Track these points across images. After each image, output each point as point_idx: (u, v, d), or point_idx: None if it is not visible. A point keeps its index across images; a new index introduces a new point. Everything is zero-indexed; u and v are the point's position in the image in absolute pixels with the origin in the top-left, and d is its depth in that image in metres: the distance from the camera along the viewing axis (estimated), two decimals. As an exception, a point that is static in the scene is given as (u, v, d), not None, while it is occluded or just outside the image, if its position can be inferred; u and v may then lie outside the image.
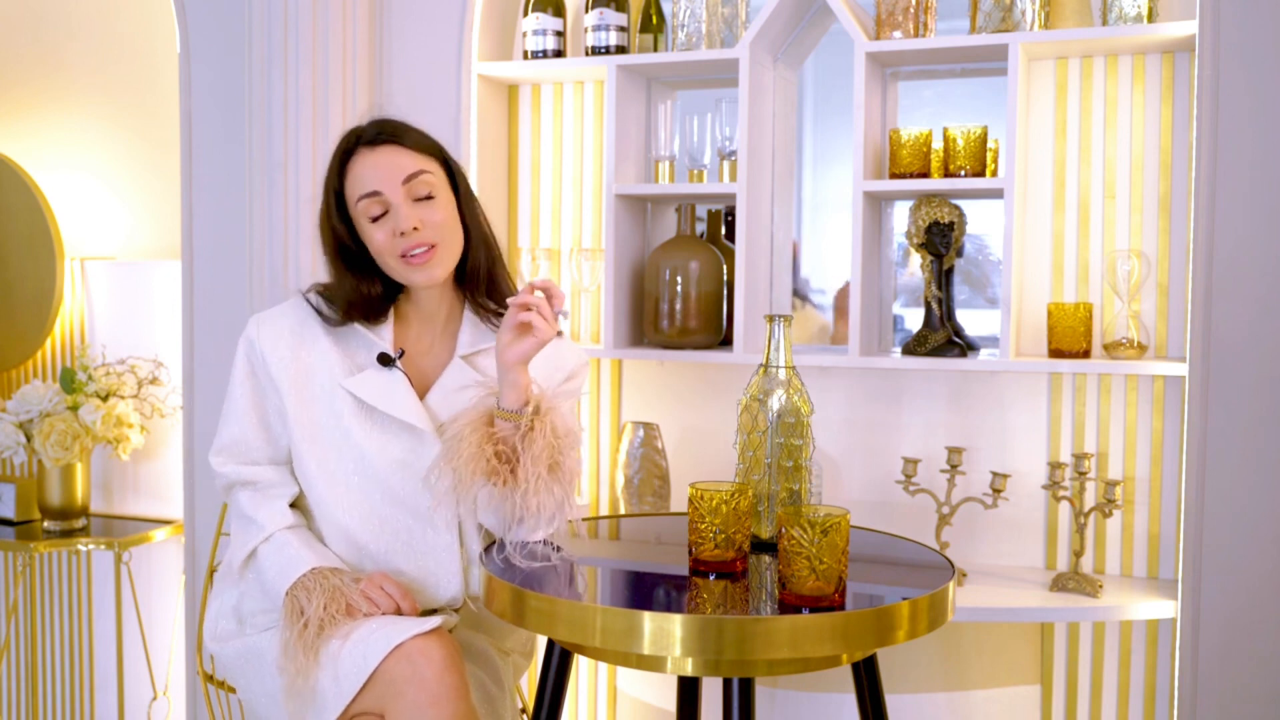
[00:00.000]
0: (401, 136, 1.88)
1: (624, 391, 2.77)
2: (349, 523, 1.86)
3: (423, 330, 1.95)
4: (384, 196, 1.83)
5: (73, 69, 3.22)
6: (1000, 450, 2.50)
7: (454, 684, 1.66)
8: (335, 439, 1.87)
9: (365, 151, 1.86)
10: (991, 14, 2.36)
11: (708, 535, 1.69)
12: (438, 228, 1.85)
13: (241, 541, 1.89)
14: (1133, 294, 2.35)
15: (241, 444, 1.91)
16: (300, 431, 1.88)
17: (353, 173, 1.86)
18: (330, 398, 1.88)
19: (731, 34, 2.58)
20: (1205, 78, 2.19)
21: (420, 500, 1.85)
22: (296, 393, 1.88)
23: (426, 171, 1.86)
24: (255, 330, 1.91)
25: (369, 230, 1.85)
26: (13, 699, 3.28)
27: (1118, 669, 2.45)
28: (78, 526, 2.99)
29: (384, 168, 1.84)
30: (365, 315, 1.90)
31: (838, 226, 2.70)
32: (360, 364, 1.90)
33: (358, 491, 1.86)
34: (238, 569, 1.89)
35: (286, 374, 1.88)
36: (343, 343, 1.91)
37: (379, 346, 1.90)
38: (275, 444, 1.91)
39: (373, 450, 1.85)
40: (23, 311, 3.20)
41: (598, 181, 2.76)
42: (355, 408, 1.87)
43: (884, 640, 1.56)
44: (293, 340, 1.90)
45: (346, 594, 1.76)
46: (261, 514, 1.87)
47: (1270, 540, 2.19)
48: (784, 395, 1.81)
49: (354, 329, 1.91)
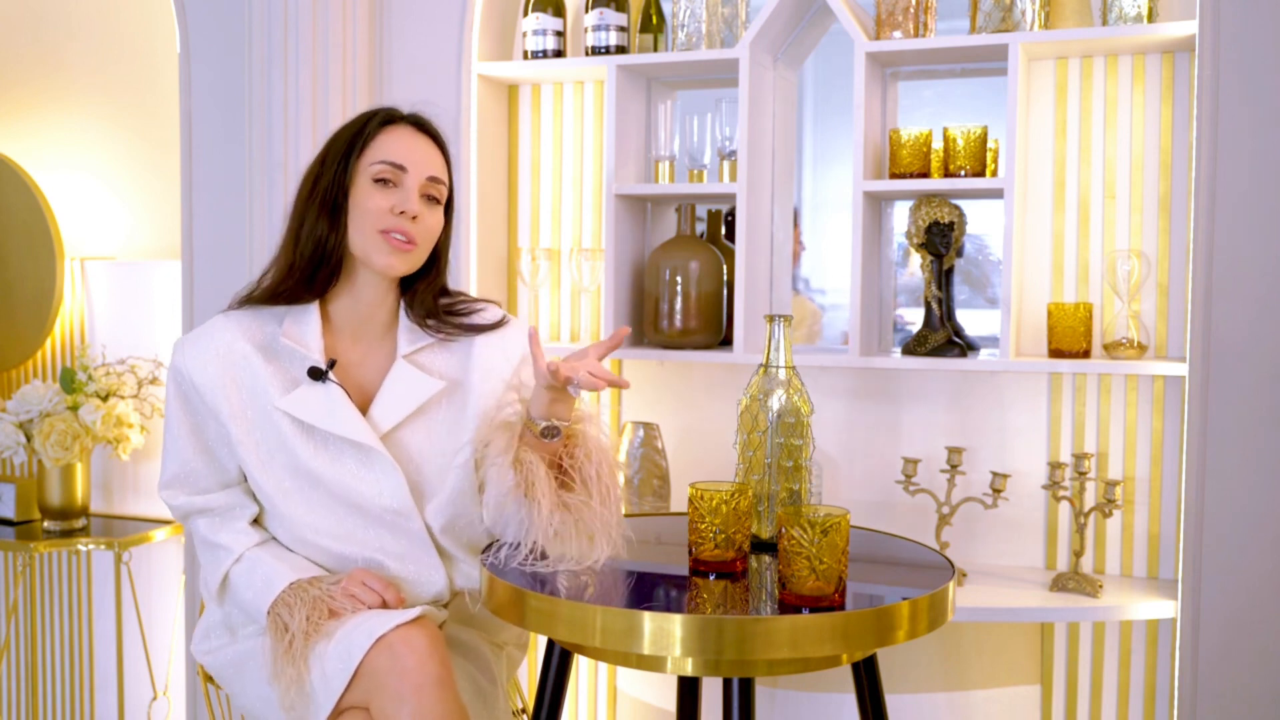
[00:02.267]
0: (443, 143, 1.90)
1: (624, 391, 2.77)
2: (318, 539, 1.83)
3: (357, 338, 1.89)
4: (407, 175, 1.81)
5: (73, 69, 3.22)
6: (1000, 450, 2.50)
7: (436, 672, 1.64)
8: (283, 460, 1.82)
9: (409, 129, 1.86)
10: (991, 14, 2.36)
11: (708, 535, 1.69)
12: (427, 233, 1.84)
13: (212, 569, 1.85)
14: (1133, 294, 2.35)
15: (188, 475, 1.85)
16: (249, 457, 1.82)
17: (389, 136, 1.83)
18: (268, 419, 1.82)
19: (731, 34, 2.58)
20: (1205, 78, 2.19)
21: (382, 510, 1.82)
22: (236, 417, 1.82)
23: (444, 183, 1.87)
24: (181, 358, 1.84)
25: (368, 191, 1.80)
26: (13, 699, 3.28)
27: (1118, 669, 2.45)
28: (78, 526, 2.99)
29: (421, 152, 1.84)
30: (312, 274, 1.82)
31: (838, 226, 2.70)
32: (295, 378, 1.83)
33: (320, 508, 1.82)
34: (215, 593, 1.86)
35: (221, 399, 1.82)
36: (273, 359, 1.84)
37: (309, 360, 1.82)
38: (222, 470, 1.86)
39: (321, 467, 1.81)
40: (23, 311, 3.20)
41: (598, 181, 2.76)
42: (295, 427, 1.81)
43: (884, 640, 1.56)
44: (221, 363, 1.83)
45: (328, 601, 1.74)
46: (224, 537, 1.84)
47: (1270, 540, 2.19)
48: (784, 395, 1.81)
49: (281, 343, 1.83)
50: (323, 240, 1.82)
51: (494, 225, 2.77)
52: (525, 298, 2.73)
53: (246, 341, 1.84)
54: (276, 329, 1.85)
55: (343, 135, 1.86)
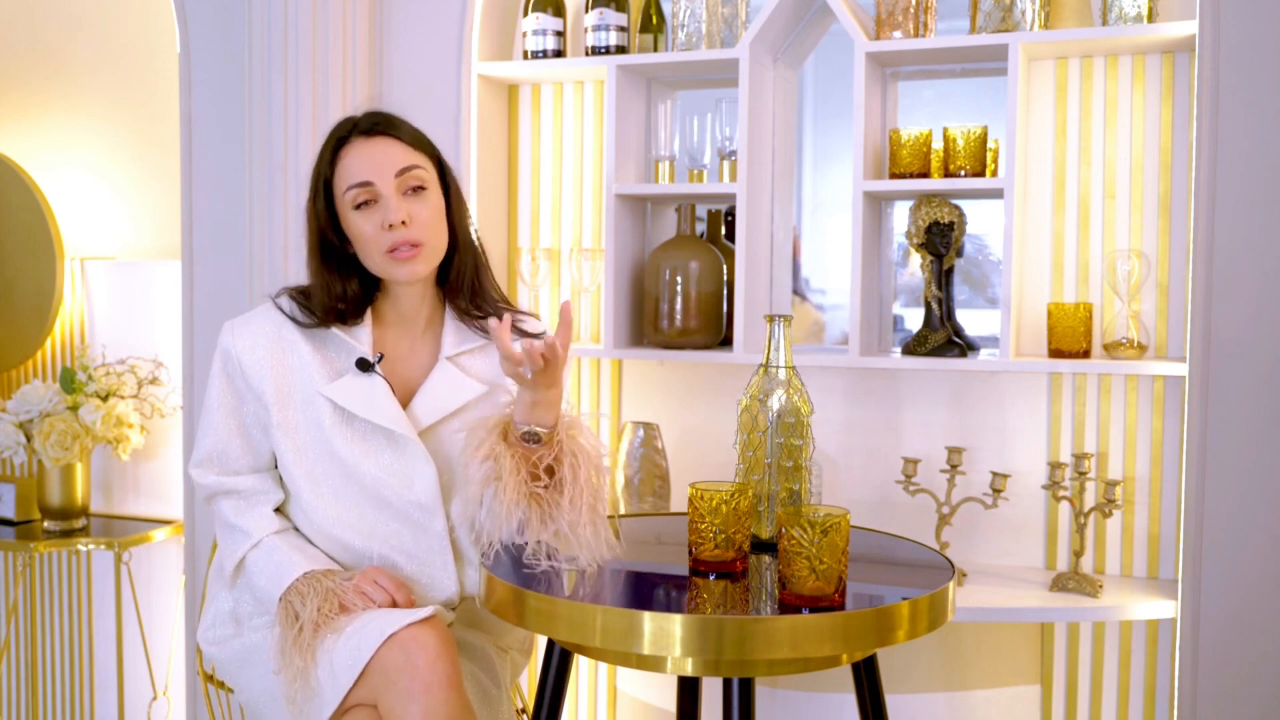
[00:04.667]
0: (397, 129, 1.85)
1: (624, 391, 2.77)
2: (338, 531, 1.84)
3: (402, 333, 1.91)
4: (375, 187, 1.80)
5: (73, 69, 3.22)
6: (1000, 450, 2.50)
7: (446, 672, 1.64)
8: (318, 447, 1.84)
9: (359, 141, 1.83)
10: (991, 14, 2.36)
11: (708, 535, 1.69)
12: (425, 225, 1.82)
13: (230, 550, 1.87)
14: (1133, 294, 2.35)
15: (222, 454, 1.87)
16: (284, 441, 1.85)
17: (344, 161, 1.83)
18: (310, 405, 1.84)
19: (731, 34, 2.58)
20: (1205, 78, 2.19)
21: (409, 505, 1.84)
22: (278, 401, 1.84)
23: (419, 166, 1.84)
24: (230, 338, 1.87)
25: (355, 221, 1.82)
26: (13, 699, 3.28)
27: (1118, 669, 2.45)
28: (78, 526, 2.99)
29: (378, 158, 1.81)
30: (343, 316, 1.86)
31: (838, 226, 2.70)
32: (339, 369, 1.86)
33: (346, 499, 1.84)
34: (229, 576, 1.88)
35: (267, 381, 1.84)
36: (321, 348, 1.87)
37: (358, 351, 1.85)
38: (256, 452, 1.88)
39: (355, 458, 1.83)
40: (23, 311, 3.20)
41: (598, 181, 2.76)
42: (335, 415, 1.83)
43: (884, 640, 1.56)
44: (270, 346, 1.85)
45: (340, 594, 1.76)
46: (247, 521, 1.86)
47: (1270, 540, 2.19)
48: (784, 395, 1.81)
49: (331, 333, 1.86)
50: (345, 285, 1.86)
51: (494, 225, 2.77)
52: (525, 298, 2.73)
53: (295, 329, 1.87)
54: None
55: (315, 175, 1.87)
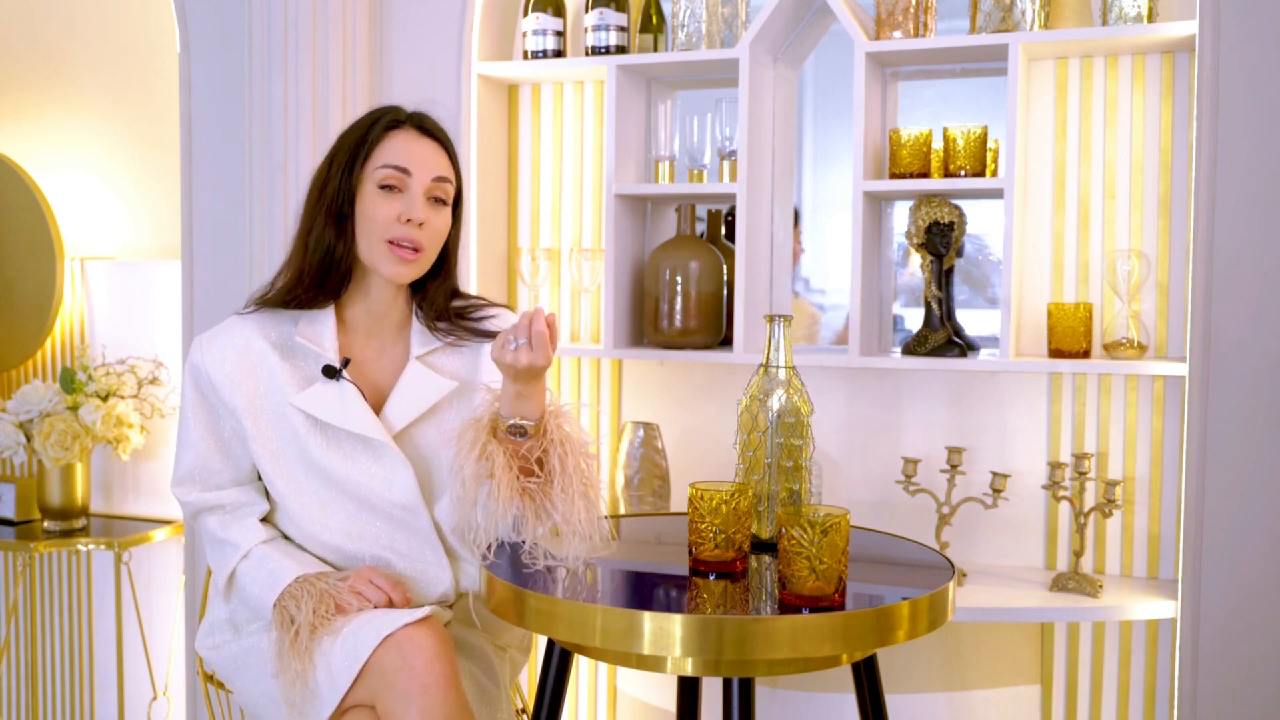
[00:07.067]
0: (448, 143, 1.91)
1: (624, 391, 2.77)
2: (327, 536, 1.85)
3: (370, 338, 1.91)
4: (411, 179, 1.83)
5: (73, 69, 3.22)
6: (1000, 450, 2.50)
7: (443, 672, 1.64)
8: (296, 456, 1.85)
9: (414, 132, 1.87)
10: (991, 14, 2.36)
11: (708, 535, 1.69)
12: (434, 237, 1.86)
13: (220, 565, 1.87)
14: (1133, 294, 2.35)
15: (202, 470, 1.87)
16: (263, 452, 1.85)
17: (393, 141, 1.85)
18: (283, 415, 1.84)
19: (731, 34, 2.58)
20: (1205, 78, 2.19)
21: (391, 506, 1.84)
22: (251, 413, 1.85)
23: (450, 182, 1.88)
24: (199, 354, 1.87)
25: (374, 199, 1.82)
26: (13, 699, 3.28)
27: (1118, 669, 2.45)
28: (78, 526, 2.99)
29: (426, 155, 1.85)
30: (321, 283, 1.85)
31: (838, 227, 2.70)
32: (309, 377, 1.86)
33: (331, 504, 1.85)
34: (222, 590, 1.88)
35: (238, 395, 1.85)
36: (290, 357, 1.87)
37: (324, 358, 1.85)
38: (236, 465, 1.89)
39: (333, 465, 1.83)
40: (23, 311, 3.20)
41: (598, 181, 2.76)
42: (309, 424, 1.83)
43: (884, 640, 1.56)
44: (239, 360, 1.86)
45: (334, 596, 1.76)
46: (233, 534, 1.86)
47: (1270, 540, 2.19)
48: (784, 395, 1.81)
49: (298, 342, 1.86)
50: (331, 248, 1.85)
51: (494, 225, 2.77)
52: (525, 298, 2.73)
53: (263, 339, 1.87)
54: (292, 328, 1.89)
55: (348, 140, 1.87)
